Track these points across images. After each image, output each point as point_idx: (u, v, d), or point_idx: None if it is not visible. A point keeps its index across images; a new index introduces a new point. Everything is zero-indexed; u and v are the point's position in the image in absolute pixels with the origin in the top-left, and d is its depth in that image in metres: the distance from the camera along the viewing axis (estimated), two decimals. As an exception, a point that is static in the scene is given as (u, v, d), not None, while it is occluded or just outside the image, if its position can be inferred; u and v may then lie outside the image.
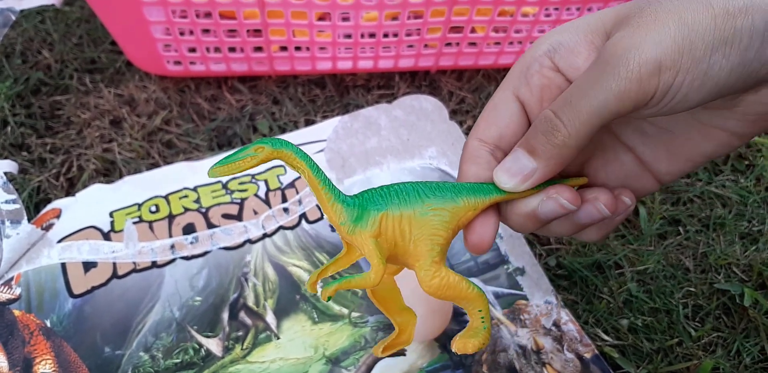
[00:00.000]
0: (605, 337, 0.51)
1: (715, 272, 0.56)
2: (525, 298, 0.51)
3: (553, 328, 0.50)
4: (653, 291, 0.54)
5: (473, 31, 0.64)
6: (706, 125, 0.30)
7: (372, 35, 0.66)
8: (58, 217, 0.54)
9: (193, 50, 0.63)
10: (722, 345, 0.52)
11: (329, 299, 0.28)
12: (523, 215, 0.31)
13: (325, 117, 0.65)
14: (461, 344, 0.30)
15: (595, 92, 0.26)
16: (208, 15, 0.60)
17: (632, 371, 0.50)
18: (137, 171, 0.59)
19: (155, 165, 0.60)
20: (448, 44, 0.66)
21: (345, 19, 0.67)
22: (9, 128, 0.62)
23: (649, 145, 0.33)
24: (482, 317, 0.31)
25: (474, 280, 0.52)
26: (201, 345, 0.48)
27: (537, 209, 0.30)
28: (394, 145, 0.59)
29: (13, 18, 0.59)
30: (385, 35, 0.64)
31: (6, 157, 0.59)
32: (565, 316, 0.50)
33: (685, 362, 0.50)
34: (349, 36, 0.65)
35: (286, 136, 0.60)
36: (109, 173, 0.60)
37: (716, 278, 0.55)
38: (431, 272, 0.29)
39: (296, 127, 0.64)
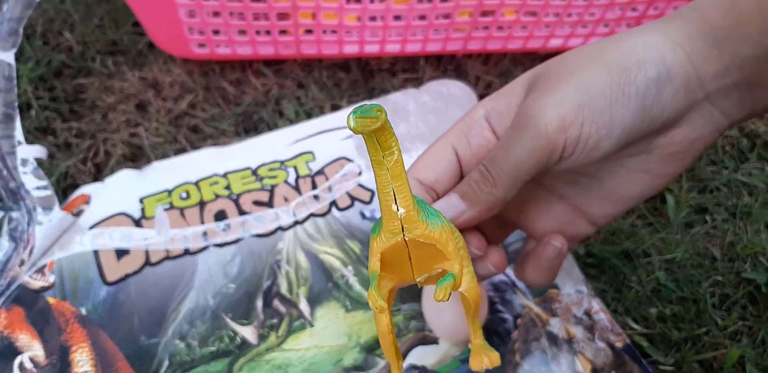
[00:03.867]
0: (634, 326, 0.52)
1: (742, 261, 0.56)
2: (556, 287, 0.52)
3: (585, 317, 0.50)
4: (681, 280, 0.55)
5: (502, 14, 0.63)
6: (630, 170, 0.34)
7: (397, 18, 0.65)
8: (87, 203, 0.54)
9: (216, 32, 0.62)
10: (748, 334, 0.52)
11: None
12: None
13: (350, 102, 0.64)
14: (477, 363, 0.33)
15: (513, 150, 0.30)
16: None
17: (661, 360, 0.50)
18: (165, 156, 0.59)
19: (182, 150, 0.59)
20: (476, 28, 0.65)
21: (372, 1, 0.66)
22: (33, 112, 0.61)
23: (581, 194, 0.37)
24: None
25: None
26: (236, 333, 0.48)
27: None
28: (423, 132, 0.59)
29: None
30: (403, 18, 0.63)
31: (32, 142, 0.59)
32: (596, 305, 0.51)
33: (712, 352, 0.51)
34: (373, 19, 0.64)
35: (312, 122, 0.60)
36: (136, 158, 0.59)
37: (743, 267, 0.56)
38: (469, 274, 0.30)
39: (322, 112, 0.63)
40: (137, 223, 0.53)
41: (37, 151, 0.53)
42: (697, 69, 0.30)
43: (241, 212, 0.54)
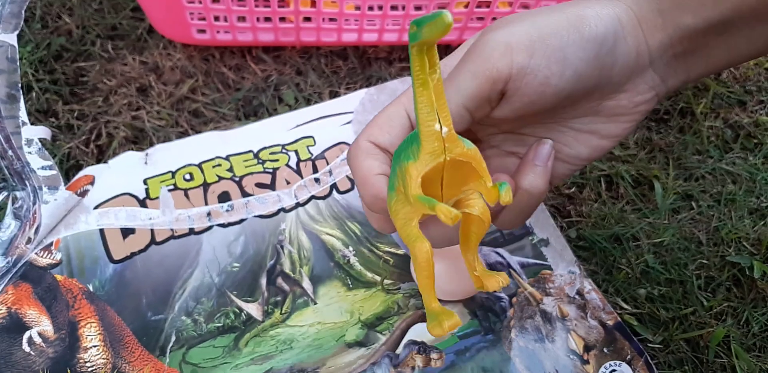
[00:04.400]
0: (624, 305, 0.54)
1: (726, 246, 0.58)
2: (549, 268, 0.53)
3: (577, 296, 0.52)
4: (668, 263, 0.57)
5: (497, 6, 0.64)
6: (578, 131, 0.35)
7: (395, 7, 0.67)
8: (91, 183, 0.54)
9: (217, 18, 0.63)
10: (732, 314, 0.55)
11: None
12: None
13: (348, 89, 0.66)
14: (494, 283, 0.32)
15: (457, 77, 0.30)
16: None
17: (650, 338, 0.52)
18: (167, 139, 0.59)
19: (184, 134, 0.60)
20: (472, 19, 0.66)
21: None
22: (34, 94, 0.62)
23: None
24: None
25: (500, 250, 0.54)
26: (241, 310, 0.49)
27: None
28: (421, 118, 0.60)
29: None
30: (402, 7, 0.64)
31: (34, 124, 0.59)
32: (588, 285, 0.53)
33: (698, 331, 0.53)
34: (372, 8, 0.65)
35: (312, 108, 0.61)
36: (138, 141, 0.60)
37: (727, 251, 0.58)
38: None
39: (320, 98, 0.65)
40: (142, 203, 0.54)
41: (42, 131, 0.53)
42: (645, 35, 0.31)
43: (244, 194, 0.55)
